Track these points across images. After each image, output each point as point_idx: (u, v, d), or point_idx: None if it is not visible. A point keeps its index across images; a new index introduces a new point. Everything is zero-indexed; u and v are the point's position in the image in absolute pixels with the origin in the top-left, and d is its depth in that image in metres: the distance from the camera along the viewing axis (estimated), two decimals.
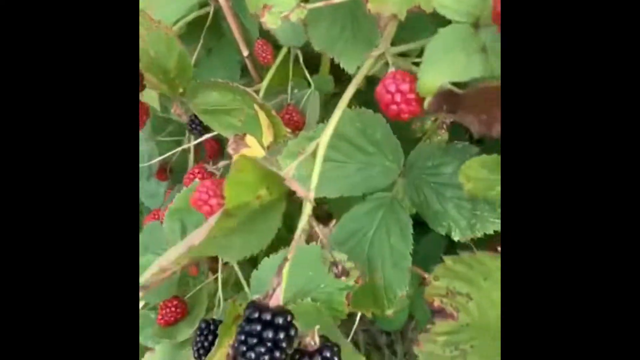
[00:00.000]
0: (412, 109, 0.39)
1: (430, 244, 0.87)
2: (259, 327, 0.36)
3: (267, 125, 0.61)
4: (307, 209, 0.39)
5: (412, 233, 0.58)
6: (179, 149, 0.88)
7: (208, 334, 0.58)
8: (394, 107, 0.39)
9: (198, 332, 0.58)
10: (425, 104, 0.38)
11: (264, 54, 0.71)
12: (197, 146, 0.86)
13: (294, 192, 0.41)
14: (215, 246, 0.39)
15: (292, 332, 0.37)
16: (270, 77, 0.73)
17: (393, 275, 0.58)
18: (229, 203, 0.34)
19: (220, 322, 0.59)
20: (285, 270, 0.39)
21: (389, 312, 0.59)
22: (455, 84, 0.37)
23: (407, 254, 0.57)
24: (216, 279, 0.73)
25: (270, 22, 0.47)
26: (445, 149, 0.59)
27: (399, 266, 0.58)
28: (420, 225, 0.61)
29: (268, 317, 0.36)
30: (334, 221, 0.45)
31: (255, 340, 0.36)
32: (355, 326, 0.85)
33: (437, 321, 0.38)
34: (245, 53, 0.74)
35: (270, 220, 0.40)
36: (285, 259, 0.39)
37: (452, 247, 0.59)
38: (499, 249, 0.58)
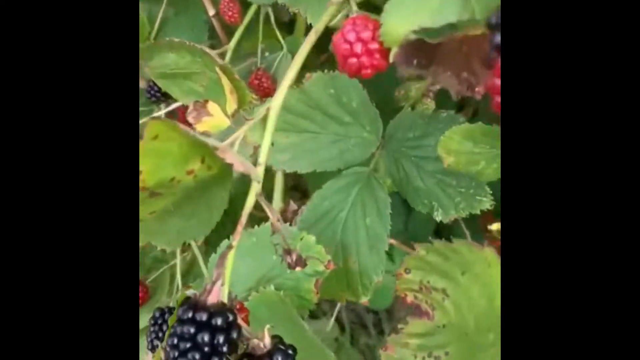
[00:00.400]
0: (376, 63, 0.32)
1: (419, 218, 0.82)
2: (192, 330, 0.30)
3: (229, 90, 0.54)
4: (254, 188, 0.32)
5: (399, 207, 0.52)
6: (147, 118, 0.81)
7: (162, 323, 0.52)
8: (353, 60, 0.32)
9: (152, 322, 0.53)
10: (391, 56, 0.31)
11: (230, 13, 0.64)
12: (170, 115, 0.79)
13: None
14: (144, 232, 0.32)
15: (234, 335, 0.31)
16: (239, 39, 0.66)
17: (369, 260, 0.52)
18: (148, 180, 0.27)
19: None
20: (229, 259, 0.33)
21: (365, 299, 0.53)
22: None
23: (384, 235, 0.51)
24: (182, 260, 0.67)
25: None
26: (428, 118, 0.53)
27: (376, 249, 0.52)
28: None
29: (204, 317, 0.30)
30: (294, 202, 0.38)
31: (188, 345, 0.30)
32: (339, 304, 0.80)
33: (410, 320, 0.32)
34: (211, 12, 0.67)
35: (212, 200, 0.34)
36: (230, 247, 0.33)
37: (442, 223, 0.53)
38: (489, 227, 0.52)
